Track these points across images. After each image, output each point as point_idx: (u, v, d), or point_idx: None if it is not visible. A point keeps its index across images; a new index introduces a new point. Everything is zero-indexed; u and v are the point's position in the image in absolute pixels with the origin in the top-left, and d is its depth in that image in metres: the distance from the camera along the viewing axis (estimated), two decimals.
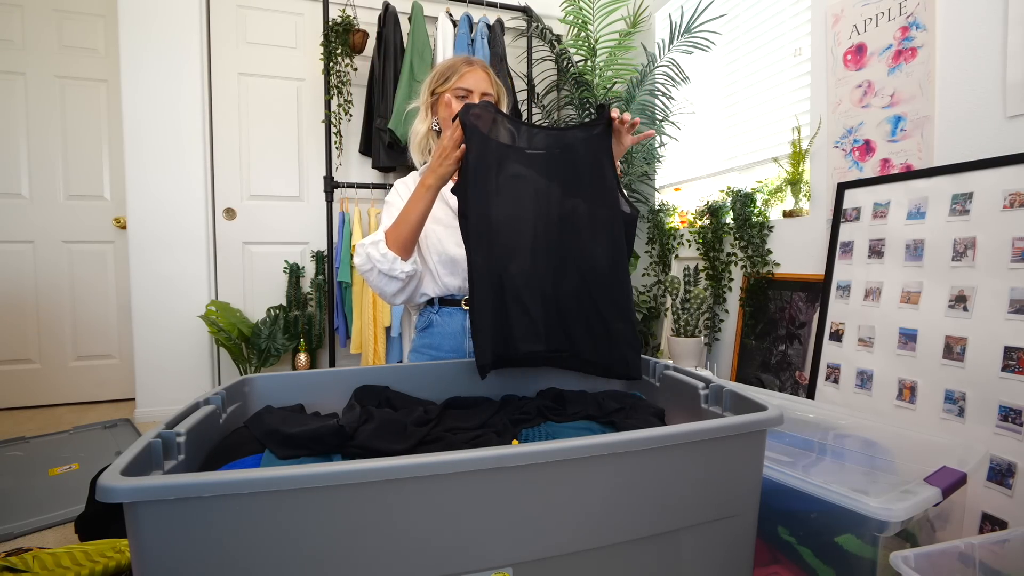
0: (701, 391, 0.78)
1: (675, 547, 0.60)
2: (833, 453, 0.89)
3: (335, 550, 0.48)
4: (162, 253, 2.39)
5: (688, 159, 2.49)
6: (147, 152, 2.34)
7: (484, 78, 1.16)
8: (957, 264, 1.23)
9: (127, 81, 2.30)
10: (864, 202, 1.52)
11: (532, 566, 0.54)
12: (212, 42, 2.47)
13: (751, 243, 1.94)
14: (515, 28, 2.78)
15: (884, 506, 0.64)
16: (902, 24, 1.45)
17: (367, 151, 2.55)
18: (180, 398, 2.37)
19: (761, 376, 1.86)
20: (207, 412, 0.69)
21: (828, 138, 1.69)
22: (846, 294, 1.52)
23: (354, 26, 2.40)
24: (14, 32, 2.50)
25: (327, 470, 0.46)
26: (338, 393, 0.89)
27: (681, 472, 0.58)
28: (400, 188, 1.20)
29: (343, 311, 2.48)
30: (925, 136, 1.40)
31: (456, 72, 1.15)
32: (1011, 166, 1.17)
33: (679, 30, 2.21)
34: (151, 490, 0.43)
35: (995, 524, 1.08)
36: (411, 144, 1.22)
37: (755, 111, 2.09)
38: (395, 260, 1.00)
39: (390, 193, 1.21)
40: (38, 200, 2.57)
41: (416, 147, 1.21)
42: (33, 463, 1.83)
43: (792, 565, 0.76)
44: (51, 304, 2.61)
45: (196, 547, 0.45)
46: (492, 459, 0.50)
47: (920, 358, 1.28)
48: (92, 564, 1.02)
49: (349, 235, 2.42)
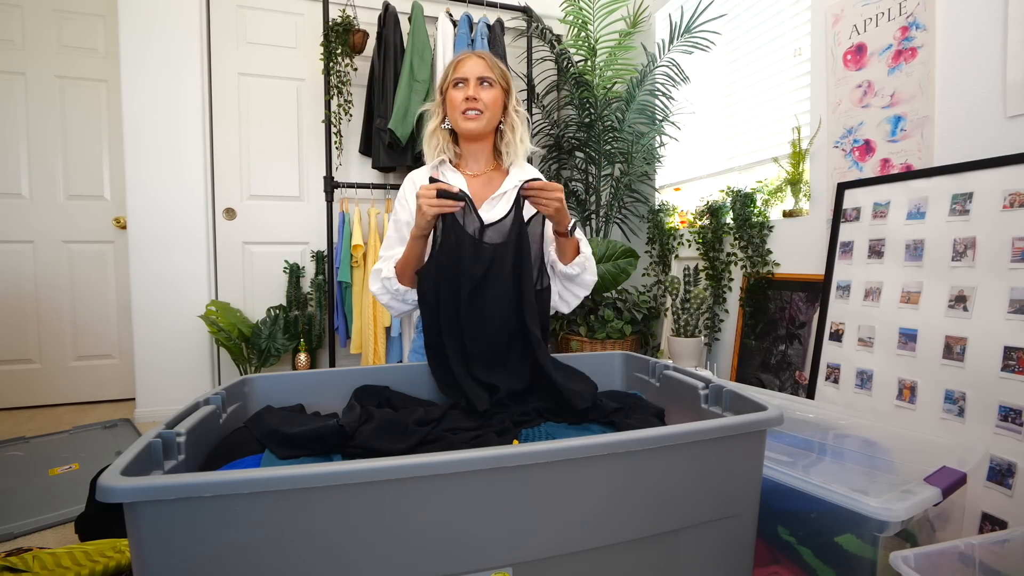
0: (701, 391, 0.78)
1: (675, 547, 0.60)
2: (833, 453, 0.89)
3: (335, 550, 0.48)
4: (162, 253, 2.39)
5: (688, 159, 2.49)
6: (147, 152, 2.34)
7: (479, 63, 1.15)
8: (957, 264, 1.23)
9: (127, 81, 2.30)
10: (864, 202, 1.52)
11: (532, 566, 0.54)
12: (212, 42, 2.47)
13: (751, 243, 1.94)
14: (515, 28, 2.78)
15: (884, 506, 0.64)
16: (902, 24, 1.45)
17: (367, 151, 2.55)
18: (180, 398, 2.37)
19: (761, 376, 1.86)
20: (207, 412, 0.69)
21: (828, 138, 1.69)
22: (846, 294, 1.52)
23: (354, 26, 2.40)
24: (14, 32, 2.50)
25: (327, 470, 0.46)
26: (338, 393, 0.89)
27: (681, 472, 0.58)
28: (407, 187, 1.22)
29: (343, 311, 2.48)
30: (925, 136, 1.40)
31: (454, 64, 1.17)
32: (1011, 166, 1.17)
33: (679, 30, 2.21)
34: (151, 490, 0.43)
35: (995, 524, 1.07)
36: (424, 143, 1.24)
37: (755, 111, 2.09)
38: (407, 292, 1.12)
39: (398, 197, 1.23)
40: (38, 200, 2.57)
41: (426, 143, 1.23)
42: (33, 463, 1.83)
43: (792, 565, 0.76)
44: (51, 304, 2.61)
45: (196, 547, 0.45)
46: (492, 459, 0.50)
47: (920, 358, 1.28)
48: (92, 564, 1.02)
49: (349, 235, 2.42)
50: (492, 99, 1.15)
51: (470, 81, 1.14)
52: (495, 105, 1.16)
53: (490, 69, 1.16)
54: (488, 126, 1.17)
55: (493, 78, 1.16)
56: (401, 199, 1.21)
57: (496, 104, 1.16)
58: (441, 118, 1.20)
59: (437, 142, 1.21)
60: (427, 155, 1.23)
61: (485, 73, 1.15)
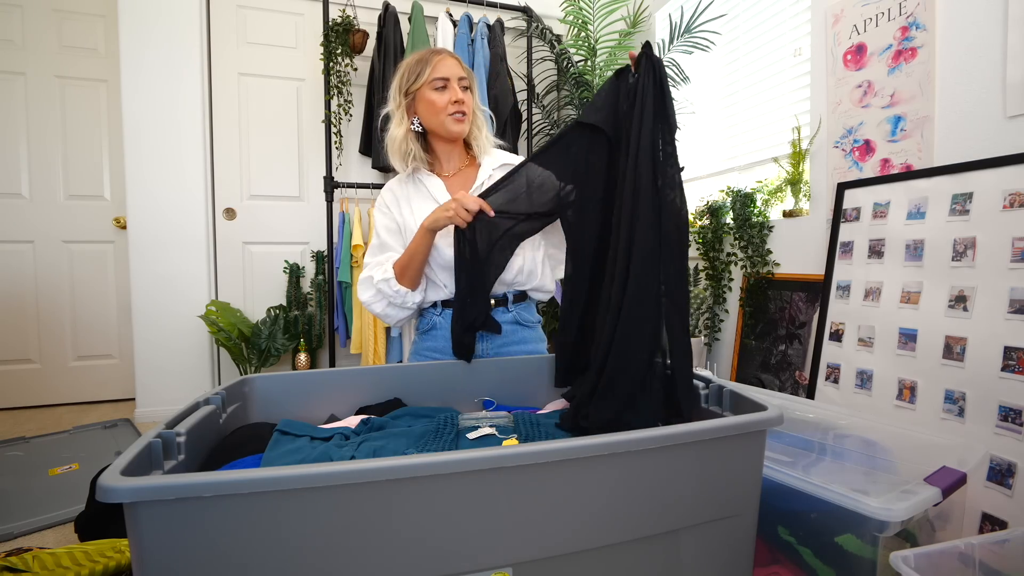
0: (701, 391, 0.78)
1: (675, 547, 0.60)
2: (833, 453, 0.89)
3: (335, 550, 0.48)
4: (162, 253, 2.39)
5: (688, 159, 2.49)
6: (147, 152, 2.34)
7: (456, 64, 1.13)
8: (957, 264, 1.23)
9: (127, 81, 2.30)
10: (864, 202, 1.52)
11: (532, 566, 0.54)
12: (212, 42, 2.47)
13: (751, 243, 1.94)
14: (515, 28, 2.78)
15: (884, 506, 0.64)
16: (902, 24, 1.45)
17: (367, 151, 2.55)
18: (180, 398, 2.37)
19: (761, 376, 1.86)
20: (207, 412, 0.69)
21: (828, 138, 1.69)
22: (846, 294, 1.52)
23: (354, 26, 2.40)
24: (14, 32, 2.50)
25: (327, 470, 0.46)
26: (338, 393, 0.89)
27: (681, 472, 0.58)
28: (387, 197, 1.19)
29: (343, 311, 2.48)
30: (925, 136, 1.40)
31: (427, 64, 1.11)
32: (1011, 166, 1.17)
33: (679, 30, 2.21)
34: (151, 490, 0.43)
35: (995, 524, 1.08)
36: (389, 150, 1.17)
37: (755, 111, 2.09)
38: (407, 294, 1.09)
39: (377, 203, 1.20)
40: (38, 200, 2.57)
41: (396, 153, 1.16)
42: (33, 463, 1.83)
43: (792, 565, 0.76)
44: (51, 304, 2.61)
45: (196, 547, 0.45)
46: (492, 459, 0.50)
47: (920, 358, 1.27)
48: (92, 564, 1.02)
49: (349, 235, 2.42)
50: (473, 101, 1.15)
51: (452, 82, 1.11)
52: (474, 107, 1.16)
53: (463, 70, 1.14)
54: (470, 127, 1.16)
55: (467, 79, 1.14)
56: (382, 207, 1.18)
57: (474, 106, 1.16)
58: (410, 120, 1.14)
59: (409, 148, 1.14)
60: (397, 164, 1.17)
61: (462, 74, 1.13)
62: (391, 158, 1.17)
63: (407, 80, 1.13)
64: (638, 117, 0.78)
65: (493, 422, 0.82)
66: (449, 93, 1.10)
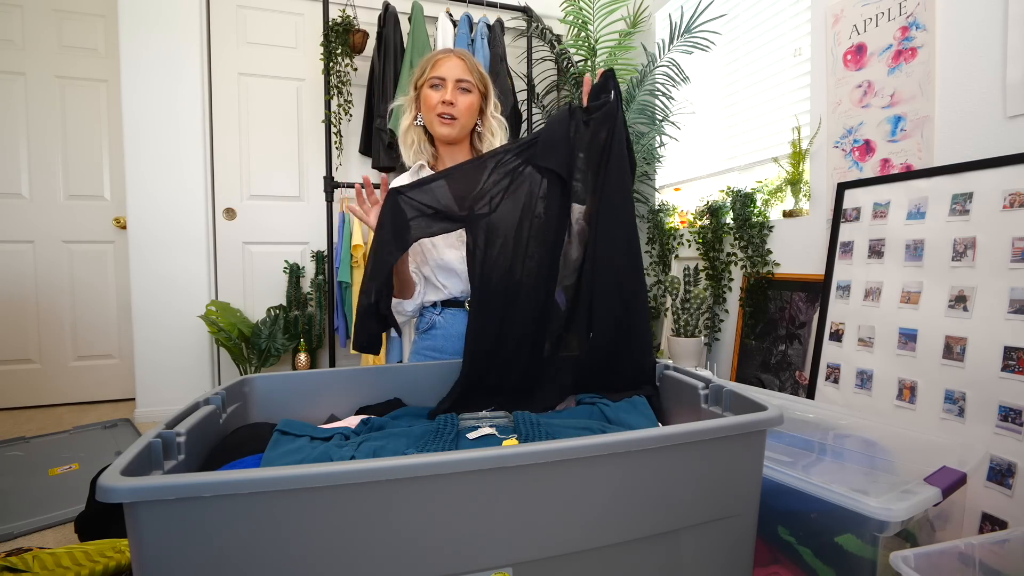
0: (701, 391, 0.78)
1: (675, 547, 0.60)
2: (833, 453, 0.89)
3: (335, 550, 0.48)
4: (162, 253, 2.39)
5: (688, 159, 2.49)
6: (147, 152, 2.34)
7: (459, 64, 1.11)
8: (957, 264, 1.23)
9: (127, 81, 2.30)
10: (864, 202, 1.52)
11: (532, 566, 0.54)
12: (212, 42, 2.47)
13: (751, 243, 1.94)
14: (515, 28, 2.78)
15: (884, 506, 0.64)
16: (902, 24, 1.45)
17: (367, 151, 2.55)
18: (180, 398, 2.37)
19: (761, 376, 1.86)
20: (207, 412, 0.69)
21: (828, 138, 1.69)
22: (846, 294, 1.52)
23: (354, 26, 2.40)
24: (14, 32, 2.50)
25: (327, 470, 0.46)
26: (338, 393, 0.89)
27: (681, 472, 0.58)
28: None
29: (343, 311, 2.48)
30: (925, 136, 1.40)
31: (432, 61, 1.12)
32: (1011, 166, 1.17)
33: (679, 30, 2.21)
34: (151, 490, 0.43)
35: (995, 524, 1.08)
36: (399, 140, 1.20)
37: (755, 111, 2.08)
38: (400, 303, 1.10)
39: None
40: (38, 200, 2.57)
41: (402, 144, 1.19)
42: (33, 463, 1.83)
43: (792, 565, 0.76)
44: (51, 304, 2.61)
45: (196, 547, 0.45)
46: (492, 459, 0.50)
47: (920, 358, 1.27)
48: (92, 564, 1.02)
49: (349, 235, 2.42)
50: (468, 104, 1.11)
51: (448, 83, 1.10)
52: (470, 111, 1.12)
53: (469, 72, 1.12)
54: (461, 132, 1.13)
55: (471, 82, 1.12)
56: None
57: (471, 110, 1.13)
58: (414, 114, 1.16)
59: (412, 140, 1.17)
60: (404, 154, 1.20)
61: (464, 76, 1.11)
62: (401, 149, 1.20)
63: (417, 74, 1.15)
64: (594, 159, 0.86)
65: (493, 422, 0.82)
66: (441, 93, 1.09)
